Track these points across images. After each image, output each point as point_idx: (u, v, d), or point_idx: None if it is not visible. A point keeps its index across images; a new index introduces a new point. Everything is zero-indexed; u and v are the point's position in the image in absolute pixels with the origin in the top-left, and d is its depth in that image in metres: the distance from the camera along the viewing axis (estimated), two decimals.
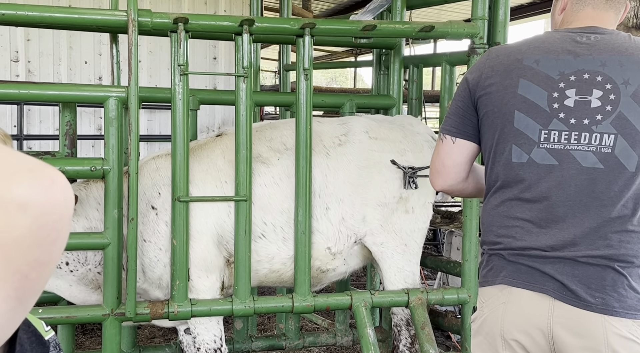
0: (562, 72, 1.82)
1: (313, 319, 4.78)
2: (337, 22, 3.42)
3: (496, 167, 1.93)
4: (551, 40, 1.90)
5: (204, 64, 7.45)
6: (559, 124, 1.81)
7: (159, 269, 3.14)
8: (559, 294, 1.79)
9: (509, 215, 1.90)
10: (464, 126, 2.00)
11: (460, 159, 2.03)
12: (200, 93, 3.69)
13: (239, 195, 3.07)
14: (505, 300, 1.88)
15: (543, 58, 1.86)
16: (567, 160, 1.81)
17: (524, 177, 1.86)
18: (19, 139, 6.43)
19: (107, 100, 2.96)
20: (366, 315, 3.25)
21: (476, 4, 3.35)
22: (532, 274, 1.84)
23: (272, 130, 3.35)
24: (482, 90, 1.94)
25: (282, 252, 3.22)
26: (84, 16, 2.97)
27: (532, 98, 1.84)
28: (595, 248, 1.78)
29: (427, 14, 11.13)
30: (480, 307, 1.98)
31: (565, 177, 1.81)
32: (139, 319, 3.05)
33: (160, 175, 3.19)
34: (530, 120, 1.84)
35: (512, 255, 1.88)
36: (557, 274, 1.80)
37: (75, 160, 3.14)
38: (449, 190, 2.13)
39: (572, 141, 1.80)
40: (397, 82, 3.99)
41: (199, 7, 7.42)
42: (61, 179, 0.72)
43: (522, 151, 1.86)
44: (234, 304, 3.13)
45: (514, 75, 1.88)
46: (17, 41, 6.78)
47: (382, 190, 3.29)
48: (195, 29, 3.02)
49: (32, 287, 0.70)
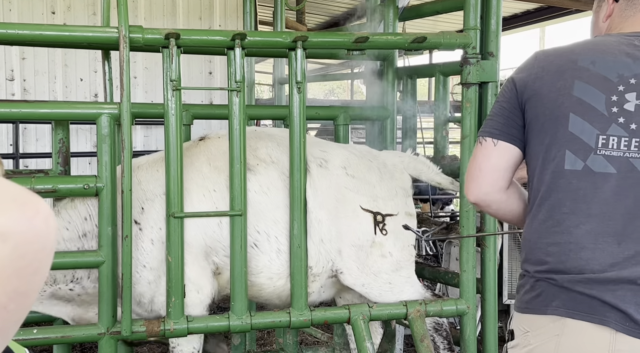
0: (621, 74, 1.69)
1: (312, 333, 4.75)
2: (329, 35, 3.42)
3: (544, 176, 1.76)
4: (607, 42, 1.77)
5: (200, 78, 7.46)
6: (618, 129, 1.67)
7: (141, 287, 3.08)
8: (622, 326, 1.64)
9: (561, 229, 1.73)
10: (508, 128, 1.83)
11: (500, 163, 1.85)
12: (193, 108, 3.68)
13: (234, 210, 3.05)
14: (559, 333, 1.71)
15: (599, 59, 1.72)
16: (626, 169, 1.66)
17: (578, 186, 1.70)
18: (15, 157, 6.43)
19: (99, 117, 2.94)
20: (364, 329, 3.21)
21: (468, 14, 3.35)
22: (590, 304, 1.67)
23: (257, 141, 3.29)
24: (532, 91, 1.79)
25: (273, 265, 3.17)
26: (75, 33, 2.96)
27: (589, 100, 1.70)
28: None
29: (422, 25, 11.17)
30: (524, 335, 1.80)
31: (624, 187, 1.67)
32: (135, 337, 3.02)
33: (142, 189, 3.13)
34: (586, 124, 1.69)
35: (566, 281, 1.71)
36: (619, 303, 1.63)
37: (68, 178, 3.12)
38: (485, 199, 1.90)
39: (632, 148, 1.66)
40: (391, 94, 3.98)
41: (194, 22, 7.44)
42: (45, 209, 0.70)
43: (577, 157, 1.70)
44: (230, 320, 3.10)
45: (567, 76, 1.74)
46: (12, 60, 6.79)
47: (355, 232, 3.20)
48: (187, 44, 3.02)
49: (11, 318, 0.69)
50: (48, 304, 3.13)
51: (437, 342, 3.39)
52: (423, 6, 4.22)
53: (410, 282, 3.35)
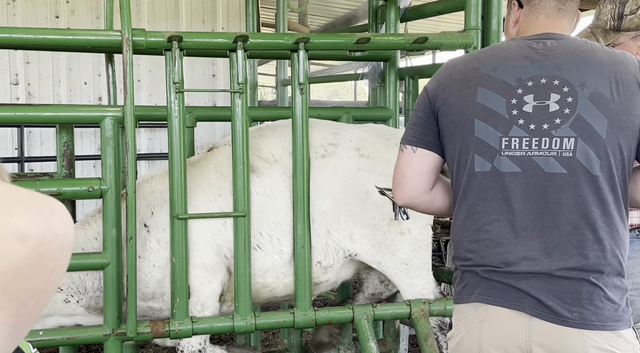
0: (520, 78, 1.80)
1: None
2: (331, 36, 3.44)
3: (460, 178, 1.89)
4: (508, 48, 1.88)
5: (203, 81, 7.48)
6: (519, 131, 1.78)
7: (152, 285, 3.15)
8: (536, 311, 1.76)
9: (477, 227, 1.86)
10: (424, 136, 1.96)
11: (420, 168, 1.97)
12: (196, 110, 3.70)
13: (237, 211, 3.07)
14: (482, 319, 1.84)
15: (501, 65, 1.83)
16: (529, 167, 1.77)
17: (489, 186, 1.83)
18: (20, 160, 6.46)
19: (103, 120, 2.97)
20: (368, 328, 3.23)
21: (469, 14, 3.36)
22: (507, 291, 1.80)
23: (260, 139, 3.31)
24: (442, 100, 1.91)
25: (277, 266, 3.20)
26: (78, 37, 2.99)
27: (491, 106, 1.81)
28: (569, 258, 1.74)
29: (424, 26, 11.17)
30: (456, 325, 1.94)
31: (529, 184, 1.78)
32: (140, 338, 3.04)
33: (155, 197, 3.21)
34: (490, 128, 1.80)
35: (486, 272, 1.84)
36: (532, 290, 1.76)
37: (73, 180, 3.14)
38: (411, 203, 2.03)
39: (533, 147, 1.76)
40: (394, 94, 4.00)
41: (197, 25, 7.46)
42: (61, 209, 0.73)
43: (485, 160, 1.82)
44: (235, 321, 3.12)
45: (472, 83, 1.85)
46: (16, 64, 6.82)
47: (370, 212, 3.20)
48: (190, 47, 3.04)
49: (29, 314, 0.72)
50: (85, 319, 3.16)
51: (440, 341, 3.39)
52: (424, 7, 4.23)
53: (426, 269, 3.32)
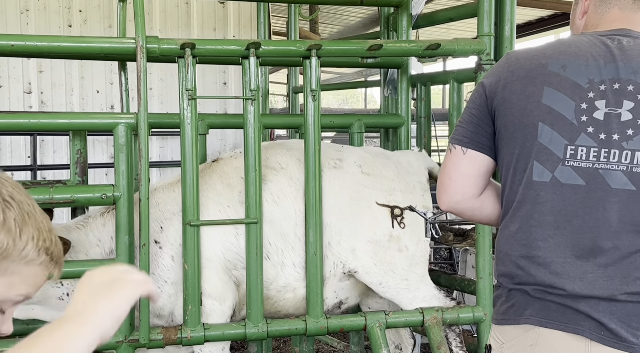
0: (592, 80, 1.63)
1: (328, 341, 4.74)
2: (343, 43, 3.44)
3: (515, 187, 1.71)
4: (579, 43, 1.70)
5: (214, 89, 7.50)
6: (587, 139, 1.61)
7: (162, 300, 3.13)
8: (597, 335, 1.59)
9: (529, 242, 1.68)
10: (477, 136, 1.79)
11: (470, 171, 1.80)
12: (209, 117, 3.71)
13: (250, 218, 3.06)
14: (533, 343, 1.66)
15: (570, 63, 1.66)
16: (595, 181, 1.61)
17: (546, 198, 1.65)
18: (33, 169, 6.49)
19: (116, 127, 2.98)
20: (381, 336, 3.21)
21: (482, 20, 3.35)
22: (564, 313, 1.63)
23: (267, 151, 3.34)
24: (501, 98, 1.73)
25: (280, 279, 3.20)
26: (92, 44, 3.01)
27: (558, 108, 1.64)
28: (632, 282, 1.59)
29: (435, 33, 11.17)
30: (499, 348, 1.76)
31: (592, 199, 1.61)
32: (153, 345, 3.04)
33: (161, 210, 3.19)
34: (555, 134, 1.63)
35: (538, 292, 1.66)
36: (593, 312, 1.59)
37: (86, 187, 3.15)
38: (456, 208, 1.87)
39: (601, 159, 1.60)
40: (405, 101, 3.99)
41: (208, 33, 7.49)
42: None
43: (545, 168, 1.65)
44: (247, 328, 3.11)
45: (537, 81, 1.68)
46: (29, 73, 6.88)
47: (371, 227, 3.23)
48: (203, 54, 3.05)
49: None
50: None
51: (449, 338, 3.37)
52: (436, 13, 4.23)
53: (425, 281, 3.37)
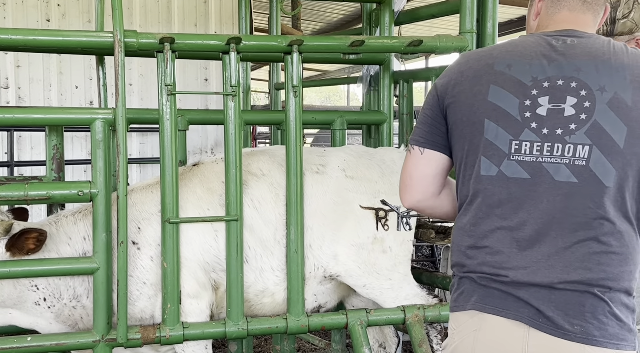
0: (535, 77, 1.70)
1: (310, 340, 4.71)
2: (325, 39, 3.41)
3: (466, 181, 1.80)
4: (525, 44, 1.78)
5: (195, 85, 7.43)
6: (530, 134, 1.68)
7: (141, 302, 3.08)
8: (535, 321, 1.66)
9: (478, 234, 1.77)
10: (432, 136, 1.87)
11: (428, 170, 1.89)
12: (189, 113, 3.66)
13: (230, 215, 3.03)
14: (477, 328, 1.75)
15: (515, 62, 1.74)
16: (539, 174, 1.68)
17: (493, 191, 1.73)
18: (10, 165, 6.40)
19: (93, 122, 2.91)
20: (362, 334, 3.19)
21: (464, 17, 3.34)
22: (505, 299, 1.71)
23: (249, 157, 3.32)
24: (451, 98, 1.82)
25: (258, 283, 3.18)
26: (69, 38, 2.94)
27: (503, 105, 1.72)
28: (572, 271, 1.65)
29: (418, 29, 11.18)
30: (450, 334, 1.85)
31: (537, 192, 1.68)
32: (130, 345, 2.99)
33: (138, 210, 3.13)
34: (500, 130, 1.71)
35: (483, 279, 1.75)
36: (532, 300, 1.67)
37: (62, 184, 3.09)
38: (418, 206, 1.97)
39: (544, 153, 1.67)
40: (388, 98, 3.97)
41: (189, 29, 7.42)
42: None
43: (492, 163, 1.73)
44: (227, 326, 3.07)
45: (484, 80, 1.76)
46: (6, 67, 6.77)
47: (355, 231, 3.23)
48: (182, 49, 3.00)
49: None
50: (56, 328, 3.09)
51: (430, 336, 3.36)
52: (419, 10, 4.21)
53: (407, 280, 3.36)
